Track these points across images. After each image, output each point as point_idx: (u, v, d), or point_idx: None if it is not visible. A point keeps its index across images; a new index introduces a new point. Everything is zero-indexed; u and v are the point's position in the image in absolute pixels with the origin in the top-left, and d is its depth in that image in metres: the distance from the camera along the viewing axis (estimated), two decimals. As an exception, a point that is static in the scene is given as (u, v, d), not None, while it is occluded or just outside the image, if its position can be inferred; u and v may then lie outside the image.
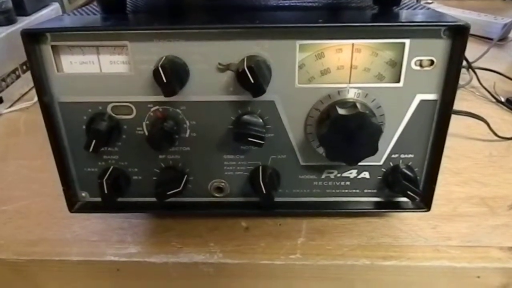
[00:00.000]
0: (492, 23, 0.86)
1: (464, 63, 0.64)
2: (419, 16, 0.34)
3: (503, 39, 0.85)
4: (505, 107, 0.62)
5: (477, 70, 0.68)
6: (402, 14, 0.35)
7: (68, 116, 0.35)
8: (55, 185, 0.38)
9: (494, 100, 0.64)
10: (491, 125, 0.54)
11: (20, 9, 0.70)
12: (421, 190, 0.37)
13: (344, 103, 0.33)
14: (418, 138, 0.36)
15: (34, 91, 0.34)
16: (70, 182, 0.37)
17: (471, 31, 0.31)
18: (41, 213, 0.43)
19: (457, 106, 0.34)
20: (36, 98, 0.34)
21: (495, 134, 0.54)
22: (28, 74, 0.67)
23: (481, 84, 0.66)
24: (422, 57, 0.33)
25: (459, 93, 0.33)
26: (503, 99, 0.63)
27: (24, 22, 0.69)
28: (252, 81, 0.31)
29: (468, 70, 0.68)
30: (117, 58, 0.33)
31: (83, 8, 0.40)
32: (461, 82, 0.31)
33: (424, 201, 0.38)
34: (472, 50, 0.71)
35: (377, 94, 0.34)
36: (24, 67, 0.68)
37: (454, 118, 0.34)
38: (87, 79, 0.34)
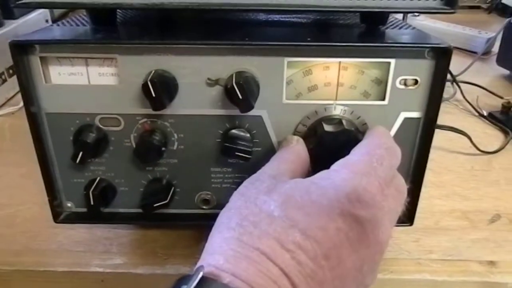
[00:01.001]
0: (476, 37, 0.88)
1: (449, 76, 0.65)
2: (405, 36, 0.35)
3: (486, 53, 0.87)
4: (487, 121, 0.63)
5: (461, 84, 0.69)
6: (388, 34, 0.36)
7: (55, 127, 0.35)
8: (40, 193, 0.37)
9: (477, 114, 0.65)
10: (473, 139, 0.55)
11: (8, 13, 0.69)
12: (404, 205, 0.38)
13: (330, 120, 0.34)
14: (402, 155, 0.36)
15: (20, 95, 0.33)
16: (56, 192, 0.37)
17: (456, 44, 0.32)
18: (26, 222, 0.42)
19: (440, 119, 0.34)
20: (22, 103, 0.34)
21: (477, 148, 0.55)
22: (15, 79, 0.66)
23: (464, 98, 0.67)
24: (407, 77, 0.34)
25: (443, 106, 0.34)
26: (485, 113, 0.64)
27: (12, 26, 0.68)
28: (240, 97, 0.31)
29: (453, 83, 0.70)
30: (106, 70, 0.33)
31: (72, 18, 0.40)
32: (445, 95, 0.32)
33: (407, 216, 0.38)
34: (456, 64, 0.73)
35: (362, 111, 0.35)
36: (11, 71, 0.67)
37: (437, 132, 0.35)
38: (75, 91, 0.34)
